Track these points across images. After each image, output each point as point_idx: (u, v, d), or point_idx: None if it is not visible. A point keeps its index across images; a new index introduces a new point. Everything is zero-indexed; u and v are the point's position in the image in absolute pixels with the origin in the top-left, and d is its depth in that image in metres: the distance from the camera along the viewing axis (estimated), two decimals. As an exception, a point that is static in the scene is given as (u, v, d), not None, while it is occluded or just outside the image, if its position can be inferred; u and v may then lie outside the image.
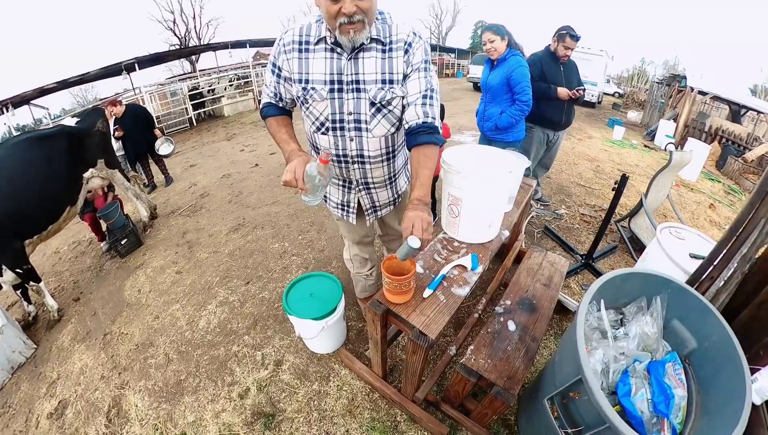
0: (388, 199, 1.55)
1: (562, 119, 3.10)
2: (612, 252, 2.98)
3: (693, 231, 2.22)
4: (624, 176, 2.47)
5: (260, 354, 2.08)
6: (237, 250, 3.15)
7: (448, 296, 1.26)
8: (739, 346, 1.03)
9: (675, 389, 1.09)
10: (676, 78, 10.66)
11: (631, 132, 8.91)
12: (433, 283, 1.30)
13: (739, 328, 1.24)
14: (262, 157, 5.90)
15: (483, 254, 1.46)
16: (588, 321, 1.29)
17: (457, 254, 1.45)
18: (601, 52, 11.93)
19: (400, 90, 1.21)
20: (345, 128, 1.27)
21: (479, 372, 1.32)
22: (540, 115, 3.07)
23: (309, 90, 1.22)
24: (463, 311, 2.26)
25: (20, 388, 2.22)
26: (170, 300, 2.65)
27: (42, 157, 2.71)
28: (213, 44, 12.92)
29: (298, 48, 1.20)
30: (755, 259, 1.28)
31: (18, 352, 2.40)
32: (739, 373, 0.98)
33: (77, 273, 3.36)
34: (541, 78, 2.98)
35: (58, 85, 8.98)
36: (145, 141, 4.87)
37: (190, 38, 22.77)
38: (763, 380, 1.04)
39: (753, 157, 6.38)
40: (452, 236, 1.55)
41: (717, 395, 1.06)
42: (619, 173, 4.99)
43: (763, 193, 1.21)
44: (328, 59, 1.18)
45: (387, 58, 1.18)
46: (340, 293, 1.88)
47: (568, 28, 2.87)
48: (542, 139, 3.21)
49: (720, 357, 1.08)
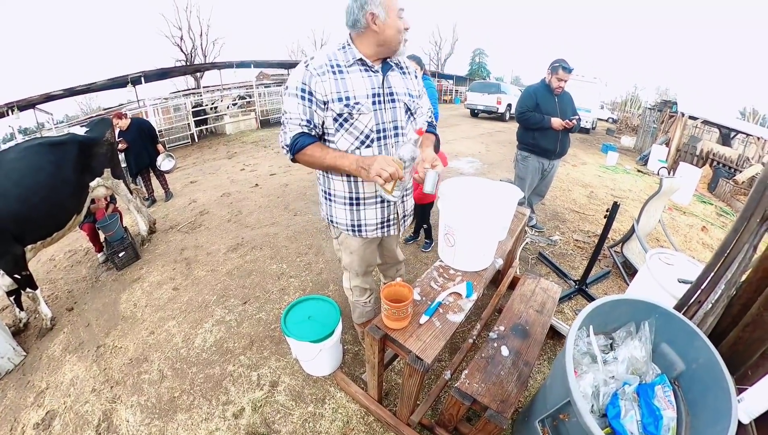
0: (411, 208, 1.77)
1: (556, 148, 3.20)
2: (605, 277, 3.03)
3: (682, 256, 2.28)
4: (615, 204, 2.55)
5: (256, 374, 2.08)
6: (235, 270, 3.17)
7: (444, 322, 1.31)
8: (725, 368, 1.07)
9: (664, 411, 1.13)
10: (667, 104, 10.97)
11: (624, 157, 9.12)
12: (429, 309, 1.35)
13: (727, 349, 1.29)
14: (263, 178, 5.96)
15: (477, 282, 1.51)
16: (578, 346, 1.33)
17: (452, 282, 1.51)
18: (594, 79, 12.34)
19: (421, 103, 1.57)
20: (387, 136, 1.43)
21: (473, 396, 1.35)
22: (535, 144, 3.19)
23: (353, 105, 1.33)
24: (459, 336, 2.28)
25: (6, 395, 2.19)
26: (166, 316, 2.65)
27: (52, 163, 2.74)
28: (218, 63, 13.24)
29: (332, 70, 1.31)
30: (740, 282, 1.33)
31: (6, 358, 2.35)
32: (725, 393, 1.01)
33: (72, 282, 3.35)
34: (536, 109, 3.11)
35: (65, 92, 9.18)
36: (148, 155, 4.93)
37: (195, 55, 23.21)
38: (749, 399, 1.06)
39: (743, 179, 6.53)
40: (448, 264, 1.61)
41: (705, 415, 1.09)
42: (612, 199, 5.12)
43: (746, 219, 1.27)
44: (366, 77, 1.36)
45: (405, 78, 1.48)
46: (338, 317, 1.91)
47: (562, 61, 3.01)
48: (537, 168, 3.32)
49: (707, 378, 1.12)
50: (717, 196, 6.64)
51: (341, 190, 1.51)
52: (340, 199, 1.53)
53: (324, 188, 1.58)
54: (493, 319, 2.16)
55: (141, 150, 4.85)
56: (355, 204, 1.53)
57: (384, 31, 1.29)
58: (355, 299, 1.98)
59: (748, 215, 1.28)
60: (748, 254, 1.27)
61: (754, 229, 1.27)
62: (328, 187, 1.54)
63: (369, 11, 1.26)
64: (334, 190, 1.53)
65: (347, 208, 1.54)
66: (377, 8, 1.26)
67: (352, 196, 1.51)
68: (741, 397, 1.07)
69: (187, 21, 22.44)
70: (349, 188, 1.49)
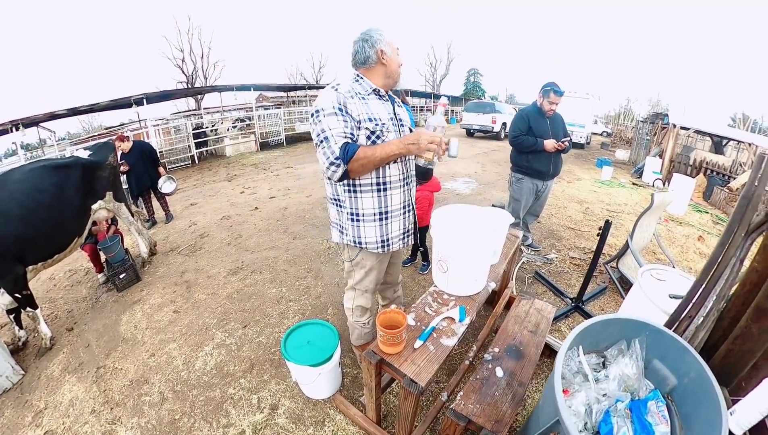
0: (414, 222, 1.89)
1: (549, 170, 3.28)
2: (602, 293, 3.06)
3: (674, 271, 2.31)
4: (607, 222, 2.60)
5: (256, 397, 2.10)
6: (235, 293, 3.20)
7: (438, 346, 1.35)
8: (715, 381, 1.09)
9: (657, 426, 1.16)
10: (659, 116, 11.18)
11: (619, 170, 9.23)
12: (423, 334, 1.40)
13: (719, 362, 1.32)
14: (262, 201, 6.01)
15: (470, 306, 1.56)
16: (569, 366, 1.37)
17: (446, 306, 1.57)
18: (587, 95, 12.61)
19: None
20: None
21: (468, 416, 1.37)
22: (529, 166, 3.29)
23: (380, 125, 1.54)
24: (456, 358, 2.31)
25: (4, 414, 2.18)
26: (167, 338, 2.67)
27: (55, 185, 2.78)
28: (218, 86, 13.56)
29: (357, 96, 1.52)
30: (729, 296, 1.37)
31: (5, 376, 2.34)
32: (715, 406, 1.04)
33: (72, 302, 3.36)
34: (529, 132, 3.20)
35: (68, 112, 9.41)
36: (149, 177, 5.02)
37: (197, 77, 23.73)
38: (741, 412, 1.08)
39: (737, 186, 6.59)
40: (442, 289, 1.67)
41: (698, 429, 1.11)
42: (608, 214, 5.20)
43: (731, 234, 1.32)
44: (381, 104, 1.60)
45: (401, 108, 1.72)
46: (337, 341, 1.96)
47: (553, 84, 3.11)
48: (532, 189, 3.40)
49: (699, 392, 1.14)
50: (712, 205, 6.70)
51: (370, 206, 1.61)
52: (370, 216, 1.63)
53: (351, 210, 1.63)
54: (489, 340, 2.20)
55: (142, 172, 4.94)
56: (384, 218, 1.65)
57: (390, 65, 1.58)
58: (355, 320, 2.02)
59: (733, 230, 1.32)
60: (735, 268, 1.32)
61: (739, 243, 1.32)
62: (356, 206, 1.61)
63: (379, 48, 1.54)
64: (363, 208, 1.61)
65: (377, 223, 1.64)
66: (385, 46, 1.55)
67: (381, 211, 1.63)
68: (733, 409, 1.09)
69: (189, 43, 23.08)
70: (380, 203, 1.62)
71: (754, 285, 1.31)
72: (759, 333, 1.25)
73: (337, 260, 3.68)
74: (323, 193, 5.91)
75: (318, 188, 6.50)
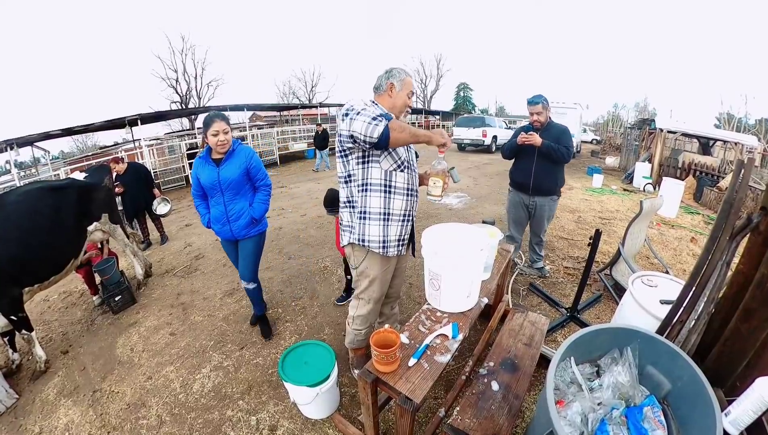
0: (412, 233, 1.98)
1: (529, 183, 3.17)
2: (597, 301, 3.09)
3: (665, 276, 2.35)
4: (597, 232, 2.65)
5: (255, 419, 2.08)
6: (231, 315, 3.19)
7: (432, 364, 1.38)
8: (707, 383, 1.12)
9: (654, 431, 1.17)
10: (646, 121, 11.41)
11: (610, 177, 9.37)
12: (417, 352, 1.43)
13: (712, 364, 1.35)
14: (256, 221, 6.02)
15: (463, 322, 1.59)
16: (563, 376, 1.39)
17: (439, 324, 1.60)
18: (575, 104, 12.85)
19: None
20: (411, 166, 1.82)
21: (465, 431, 1.39)
22: (511, 179, 3.40)
23: None
24: (453, 374, 2.31)
25: None
26: (164, 361, 2.65)
27: (51, 207, 2.78)
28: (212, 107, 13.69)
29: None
30: (719, 298, 1.40)
31: None
32: (709, 408, 1.06)
33: (67, 324, 3.32)
34: None
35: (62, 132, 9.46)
36: (144, 199, 5.02)
37: (190, 97, 23.91)
38: (735, 412, 1.11)
39: (726, 185, 6.71)
40: (435, 307, 1.71)
41: (694, 432, 1.13)
42: (600, 222, 5.27)
43: (716, 238, 1.36)
44: None
45: None
46: (333, 361, 1.98)
47: (530, 97, 3.17)
48: (517, 202, 3.37)
49: (693, 395, 1.16)
50: (703, 205, 6.80)
51: (377, 205, 1.74)
52: (375, 215, 1.75)
53: (361, 209, 1.76)
54: (485, 354, 2.21)
55: (137, 193, 4.94)
56: (385, 219, 1.77)
57: (395, 100, 1.76)
58: (354, 328, 2.06)
59: (718, 234, 1.37)
60: (722, 271, 1.36)
61: (724, 247, 1.36)
62: (366, 205, 1.75)
63: (390, 81, 1.74)
64: (370, 207, 1.75)
65: (380, 223, 1.76)
66: (397, 82, 1.74)
67: (384, 212, 1.76)
68: (728, 410, 1.11)
69: (183, 64, 23.34)
70: (384, 204, 1.74)
71: (741, 287, 1.35)
72: (748, 333, 1.29)
73: (333, 280, 3.69)
74: (317, 212, 5.94)
75: (312, 207, 6.49)
